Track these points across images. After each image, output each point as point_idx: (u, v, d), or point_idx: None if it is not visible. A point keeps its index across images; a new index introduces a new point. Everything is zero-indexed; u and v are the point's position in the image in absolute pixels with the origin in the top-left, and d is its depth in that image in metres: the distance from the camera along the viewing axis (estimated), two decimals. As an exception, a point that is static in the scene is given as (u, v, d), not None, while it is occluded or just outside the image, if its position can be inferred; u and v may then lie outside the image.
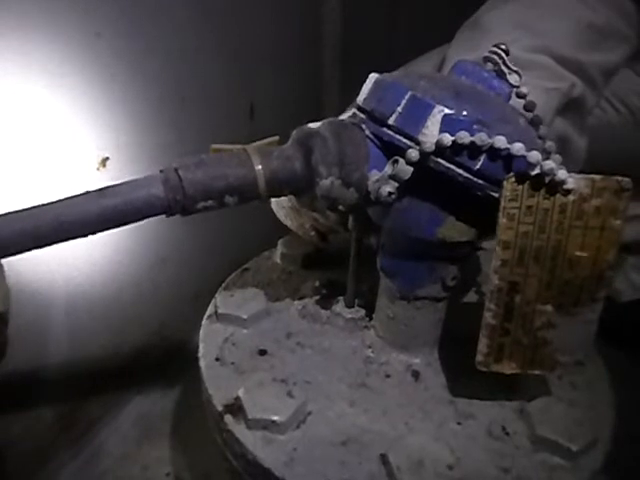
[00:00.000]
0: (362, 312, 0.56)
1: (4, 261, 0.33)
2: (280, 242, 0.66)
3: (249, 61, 0.89)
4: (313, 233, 0.58)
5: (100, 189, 0.39)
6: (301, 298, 0.59)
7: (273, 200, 0.59)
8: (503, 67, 0.44)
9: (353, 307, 0.57)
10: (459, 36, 0.68)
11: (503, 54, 0.43)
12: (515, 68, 0.44)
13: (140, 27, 0.66)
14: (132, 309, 0.75)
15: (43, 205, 0.38)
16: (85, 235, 0.38)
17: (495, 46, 0.44)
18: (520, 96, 0.45)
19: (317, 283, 0.61)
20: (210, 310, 0.57)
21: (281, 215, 0.59)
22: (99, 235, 0.41)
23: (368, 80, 0.45)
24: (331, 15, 1.13)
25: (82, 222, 0.38)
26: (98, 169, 0.65)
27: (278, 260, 0.65)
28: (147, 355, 0.80)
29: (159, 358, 0.82)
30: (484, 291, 0.57)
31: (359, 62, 1.12)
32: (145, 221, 0.42)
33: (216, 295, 0.59)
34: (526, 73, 0.57)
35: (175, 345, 0.84)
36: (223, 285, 0.61)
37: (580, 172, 0.41)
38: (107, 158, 0.66)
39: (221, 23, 0.80)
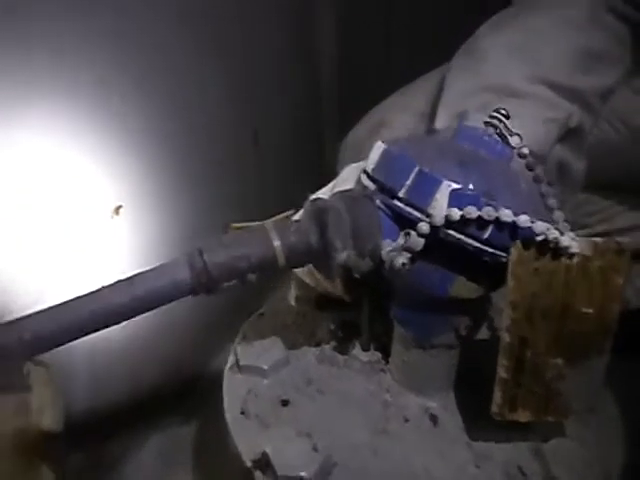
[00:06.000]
0: (378, 355, 0.59)
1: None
2: (292, 284, 0.68)
3: (250, 88, 0.90)
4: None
5: (128, 278, 0.41)
6: (318, 342, 0.61)
7: None
8: (504, 131, 0.45)
9: (369, 350, 0.59)
10: (456, 63, 0.69)
11: (504, 118, 0.45)
12: (516, 131, 0.46)
13: (144, 70, 0.67)
14: (151, 347, 0.77)
15: (74, 300, 0.39)
16: (118, 323, 0.41)
17: (495, 111, 0.46)
18: (522, 156, 0.47)
19: (332, 326, 0.62)
20: (231, 361, 0.59)
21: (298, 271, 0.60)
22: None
23: (375, 148, 0.46)
24: (327, 36, 1.15)
25: (115, 313, 0.40)
26: (112, 217, 0.67)
27: (292, 302, 0.67)
28: (164, 391, 0.82)
29: (176, 393, 0.84)
30: (496, 326, 0.59)
31: (357, 81, 1.15)
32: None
33: (236, 345, 0.60)
34: (524, 104, 0.59)
35: (191, 380, 0.87)
36: (241, 333, 0.62)
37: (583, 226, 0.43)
38: (120, 206, 0.67)
39: (224, 57, 0.82)
